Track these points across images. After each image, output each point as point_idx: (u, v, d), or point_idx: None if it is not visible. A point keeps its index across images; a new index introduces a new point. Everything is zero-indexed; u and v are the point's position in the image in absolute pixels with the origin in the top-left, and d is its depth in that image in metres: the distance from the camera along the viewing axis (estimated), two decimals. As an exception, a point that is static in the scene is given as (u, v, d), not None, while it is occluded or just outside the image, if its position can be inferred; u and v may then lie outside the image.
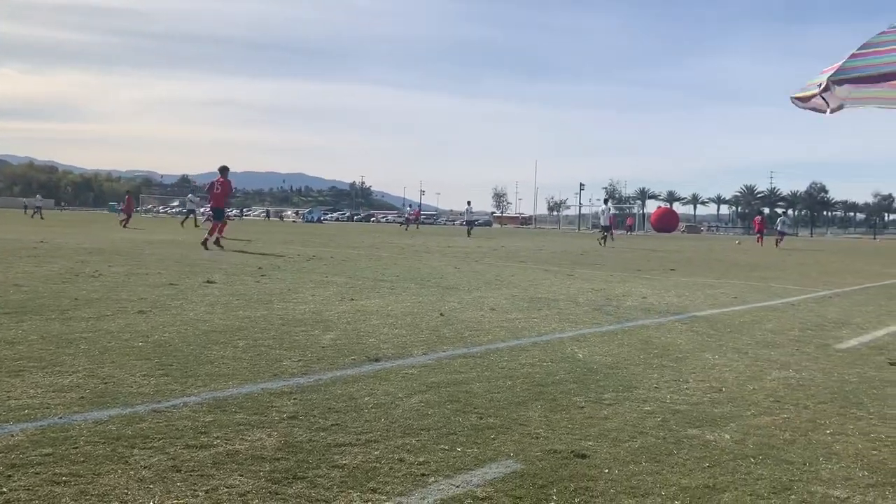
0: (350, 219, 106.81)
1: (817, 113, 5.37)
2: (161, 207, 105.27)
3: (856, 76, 4.90)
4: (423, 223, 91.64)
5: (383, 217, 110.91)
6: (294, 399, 3.75)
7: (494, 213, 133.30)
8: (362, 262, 14.14)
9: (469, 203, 40.95)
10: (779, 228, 35.26)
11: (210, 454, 2.88)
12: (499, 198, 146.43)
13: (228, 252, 15.28)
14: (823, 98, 5.09)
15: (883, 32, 5.13)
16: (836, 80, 4.87)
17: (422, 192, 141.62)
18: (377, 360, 4.75)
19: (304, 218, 69.32)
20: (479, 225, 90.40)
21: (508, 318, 6.83)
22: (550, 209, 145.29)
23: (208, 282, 9.08)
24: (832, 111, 5.39)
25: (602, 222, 29.51)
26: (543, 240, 35.35)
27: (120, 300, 7.14)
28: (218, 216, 17.28)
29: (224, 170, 17.26)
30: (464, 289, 9.41)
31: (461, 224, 45.33)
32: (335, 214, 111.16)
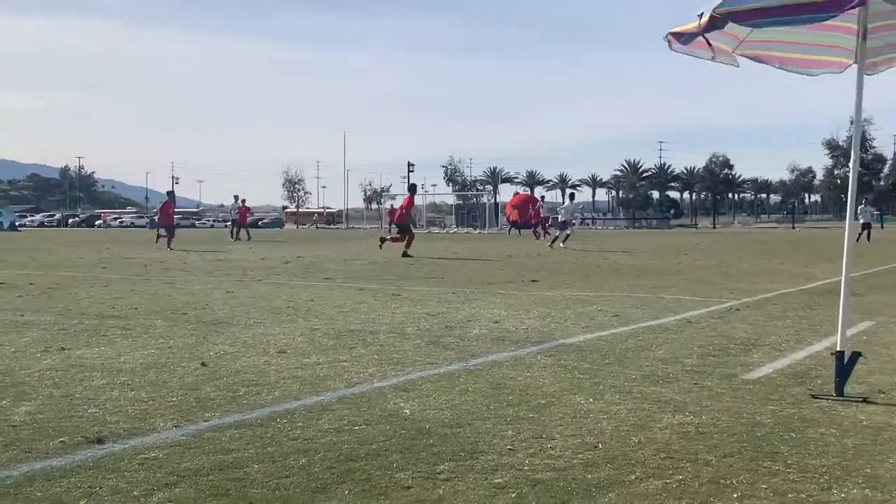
0: (63, 223, 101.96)
1: (699, 58, 5.79)
2: None
3: (748, 8, 5.31)
4: (179, 226, 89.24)
5: (116, 219, 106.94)
6: (-35, 511, 3.50)
7: (287, 207, 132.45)
8: (81, 289, 13.54)
9: (236, 197, 43.85)
10: (862, 220, 38.20)
11: None
12: (292, 185, 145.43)
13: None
14: (705, 37, 5.48)
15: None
16: (724, 11, 5.25)
17: (175, 180, 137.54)
18: (100, 440, 4.56)
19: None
20: (265, 225, 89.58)
21: (305, 364, 6.80)
22: (368, 200, 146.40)
23: None
24: (717, 57, 5.82)
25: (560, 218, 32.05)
26: (359, 245, 35.56)
27: None
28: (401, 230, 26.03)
29: (413, 188, 29.22)
30: (239, 323, 9.26)
31: (226, 225, 47.51)
32: (39, 217, 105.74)
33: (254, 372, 6.49)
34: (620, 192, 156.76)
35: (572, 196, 38.66)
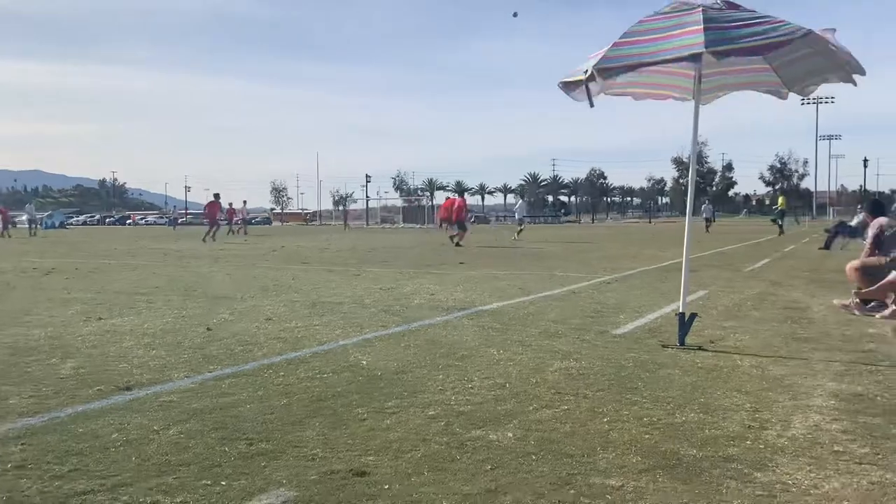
0: (101, 222, 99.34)
1: (578, 101, 5.85)
2: None
3: (620, 64, 5.41)
4: (191, 223, 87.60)
5: (142, 218, 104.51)
6: (22, 444, 3.40)
7: (273, 209, 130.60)
8: (114, 273, 13.20)
9: (244, 202, 42.65)
10: (705, 216, 38.95)
11: None
12: (277, 192, 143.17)
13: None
14: (587, 87, 5.55)
15: (641, 22, 5.71)
16: (601, 68, 5.34)
17: (187, 189, 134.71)
18: (129, 388, 4.45)
19: (42, 224, 63.03)
20: (258, 223, 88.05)
21: (287, 328, 6.71)
22: (336, 203, 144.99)
23: None
24: (592, 97, 5.88)
25: (518, 216, 31.76)
26: (329, 237, 35.25)
27: None
28: (460, 226, 24.29)
29: (461, 192, 29.89)
30: (236, 297, 9.11)
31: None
32: (82, 218, 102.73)
33: (247, 334, 6.39)
34: (525, 197, 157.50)
35: (523, 196, 38.57)
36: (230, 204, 42.48)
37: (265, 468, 3.10)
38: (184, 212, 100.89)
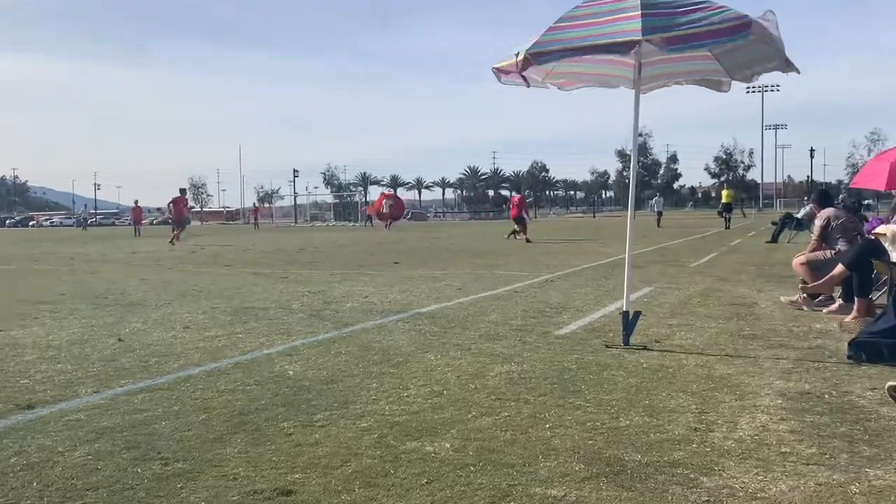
0: (1, 224, 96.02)
1: (518, 85, 5.91)
2: None
3: (553, 49, 5.45)
4: (101, 224, 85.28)
5: (47, 219, 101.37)
6: None
7: (192, 207, 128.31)
8: (16, 279, 12.76)
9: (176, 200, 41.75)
10: (656, 210, 39.73)
11: None
12: (197, 189, 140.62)
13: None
14: (522, 75, 5.60)
15: (578, 7, 5.77)
16: (534, 52, 5.38)
17: (97, 186, 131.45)
18: (30, 406, 4.29)
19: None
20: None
21: (206, 337, 6.58)
22: (261, 200, 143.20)
23: None
24: (531, 84, 5.96)
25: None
26: (254, 237, 34.78)
27: None
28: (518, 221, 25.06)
29: (519, 188, 34.29)
30: (151, 305, 8.90)
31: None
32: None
33: (162, 345, 6.24)
34: (464, 191, 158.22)
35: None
36: (136, 202, 41.41)
37: (182, 490, 3.02)
38: (94, 212, 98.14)
